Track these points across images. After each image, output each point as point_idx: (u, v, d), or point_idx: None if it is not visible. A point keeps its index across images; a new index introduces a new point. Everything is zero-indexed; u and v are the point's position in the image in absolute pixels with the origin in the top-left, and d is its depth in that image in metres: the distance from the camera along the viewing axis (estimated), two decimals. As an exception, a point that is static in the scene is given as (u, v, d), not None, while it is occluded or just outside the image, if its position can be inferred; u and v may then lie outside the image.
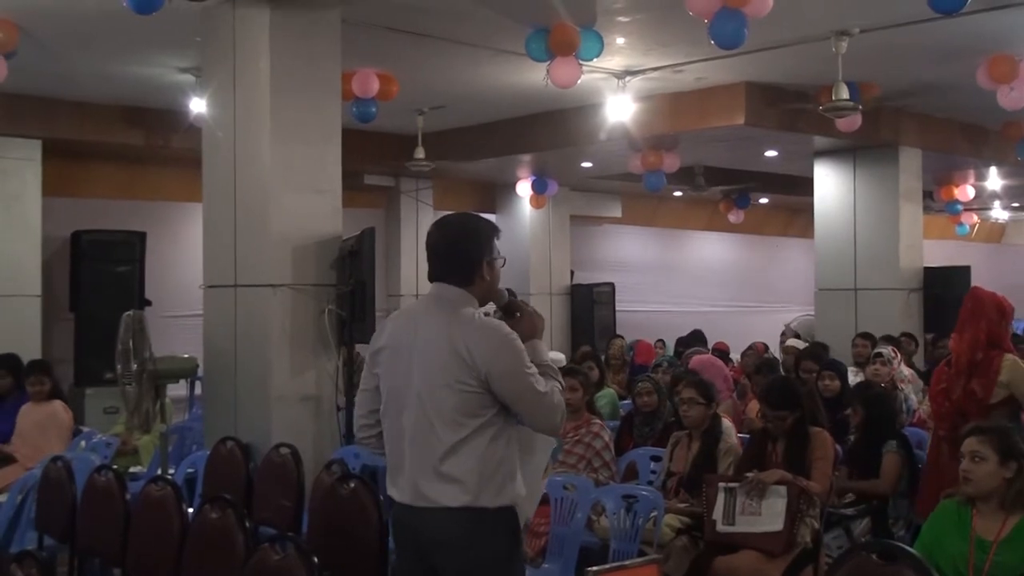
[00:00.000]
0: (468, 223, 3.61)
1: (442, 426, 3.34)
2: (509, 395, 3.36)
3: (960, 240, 19.28)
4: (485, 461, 3.35)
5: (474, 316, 3.42)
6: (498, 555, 3.40)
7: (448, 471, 3.33)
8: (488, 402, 3.36)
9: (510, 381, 3.35)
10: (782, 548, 5.10)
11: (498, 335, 3.37)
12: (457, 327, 3.37)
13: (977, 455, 4.00)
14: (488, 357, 3.33)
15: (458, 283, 3.48)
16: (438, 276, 3.52)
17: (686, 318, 15.94)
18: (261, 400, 6.37)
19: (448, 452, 3.33)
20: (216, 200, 6.77)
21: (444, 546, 3.36)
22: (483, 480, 3.33)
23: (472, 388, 3.33)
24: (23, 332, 9.95)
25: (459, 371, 3.33)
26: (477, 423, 3.35)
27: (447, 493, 3.33)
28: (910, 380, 8.38)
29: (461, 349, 3.33)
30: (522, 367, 3.36)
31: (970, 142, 12.25)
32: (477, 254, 3.49)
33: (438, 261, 3.53)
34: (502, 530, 3.40)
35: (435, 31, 7.84)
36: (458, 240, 3.53)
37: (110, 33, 7.68)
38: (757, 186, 15.47)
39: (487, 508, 3.34)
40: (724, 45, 6.56)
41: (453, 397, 3.34)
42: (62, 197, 11.27)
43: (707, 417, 5.95)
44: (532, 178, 14.07)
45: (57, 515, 5.36)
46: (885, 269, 11.67)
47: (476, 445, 3.34)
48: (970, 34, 7.91)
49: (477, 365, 3.32)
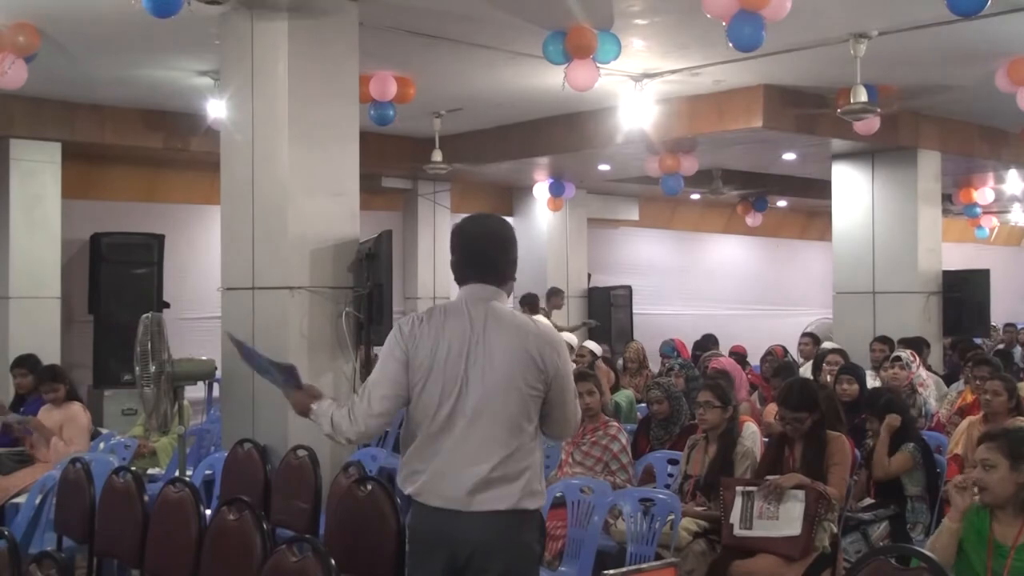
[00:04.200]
0: (507, 227, 3.65)
1: (507, 429, 3.40)
2: (558, 396, 3.49)
3: (980, 243, 19.18)
4: (531, 465, 3.42)
5: (536, 321, 3.58)
6: (534, 555, 3.48)
7: (504, 475, 3.37)
8: (539, 408, 3.48)
9: (566, 384, 3.51)
10: (800, 552, 5.09)
11: (559, 339, 3.54)
12: (526, 332, 3.46)
13: (987, 463, 3.97)
14: (554, 361, 3.46)
15: (501, 284, 3.55)
16: (483, 276, 3.53)
17: (703, 321, 15.91)
18: (279, 402, 6.30)
19: (509, 455, 3.38)
20: (234, 203, 6.79)
21: (485, 547, 3.36)
22: (527, 483, 3.40)
23: (539, 392, 3.44)
24: (42, 334, 10.01)
25: (532, 377, 3.42)
26: (531, 428, 3.45)
27: (499, 497, 3.36)
28: (932, 384, 8.33)
29: (535, 353, 3.42)
30: (571, 369, 3.56)
31: (989, 145, 12.20)
32: (515, 256, 3.61)
33: (485, 262, 3.55)
34: (537, 530, 3.49)
35: (452, 34, 7.85)
36: (507, 243, 3.59)
37: (129, 37, 7.72)
38: (775, 189, 15.43)
39: (528, 510, 3.41)
40: (742, 48, 6.54)
41: (523, 401, 3.42)
42: (81, 200, 11.35)
43: (724, 420, 5.93)
44: (549, 181, 14.08)
45: (76, 516, 5.38)
46: (904, 272, 11.62)
47: (529, 450, 3.43)
48: (989, 37, 7.88)
49: (548, 369, 3.44)
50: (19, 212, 10.24)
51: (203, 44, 7.77)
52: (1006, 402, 6.38)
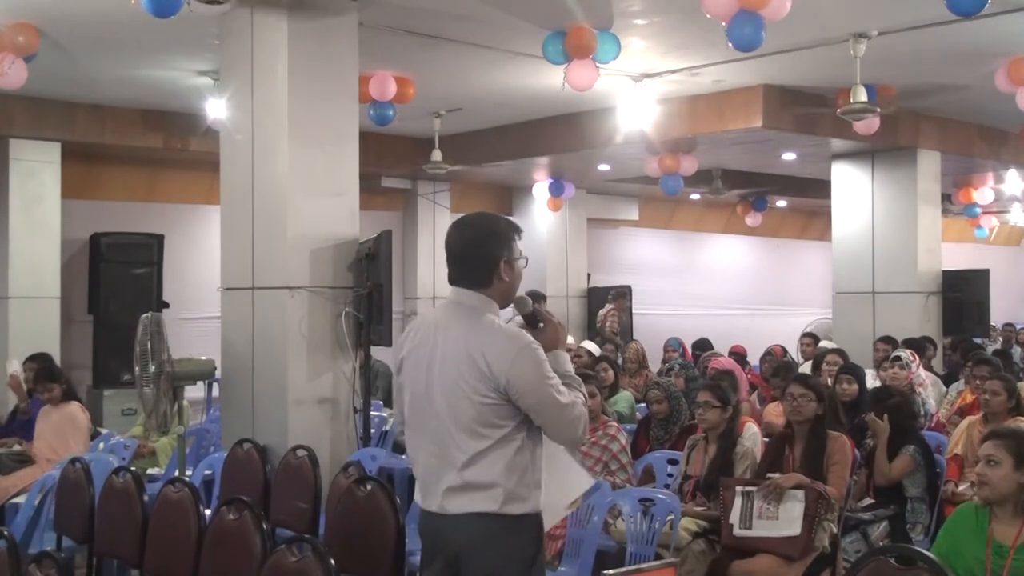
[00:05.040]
0: (485, 222, 3.51)
1: (462, 436, 3.30)
2: (530, 406, 3.30)
3: (979, 243, 19.18)
4: (508, 472, 3.30)
5: (493, 324, 3.34)
6: (521, 560, 3.37)
7: (472, 479, 3.30)
8: (509, 413, 3.30)
9: (531, 391, 3.27)
10: (799, 552, 5.10)
11: (517, 344, 3.28)
12: (475, 336, 3.30)
13: (992, 459, 3.98)
14: (506, 367, 3.25)
15: (475, 286, 3.40)
16: (455, 279, 3.46)
17: (703, 321, 15.91)
18: (278, 402, 6.38)
19: (469, 462, 3.30)
20: (234, 202, 6.80)
21: (468, 549, 3.34)
22: (507, 489, 3.30)
23: (491, 399, 3.27)
24: (42, 334, 10.00)
25: (476, 381, 3.27)
26: (499, 434, 3.29)
27: (473, 500, 3.31)
28: (929, 384, 8.33)
29: (478, 359, 3.26)
30: (542, 377, 3.28)
31: (989, 145, 12.20)
32: (495, 254, 3.39)
33: (455, 263, 3.45)
34: (526, 536, 3.37)
35: (452, 34, 7.85)
36: (474, 240, 3.43)
37: (129, 37, 7.72)
38: (774, 189, 15.43)
39: (511, 515, 3.32)
40: (742, 48, 6.54)
41: (471, 408, 3.28)
42: (81, 200, 11.35)
43: (723, 420, 5.94)
44: (549, 181, 14.07)
45: (75, 516, 5.38)
46: (903, 272, 11.62)
47: (500, 455, 3.29)
48: (989, 37, 7.88)
49: (495, 375, 3.25)
50: (19, 212, 10.24)
51: (203, 44, 7.77)
52: (1006, 402, 6.38)
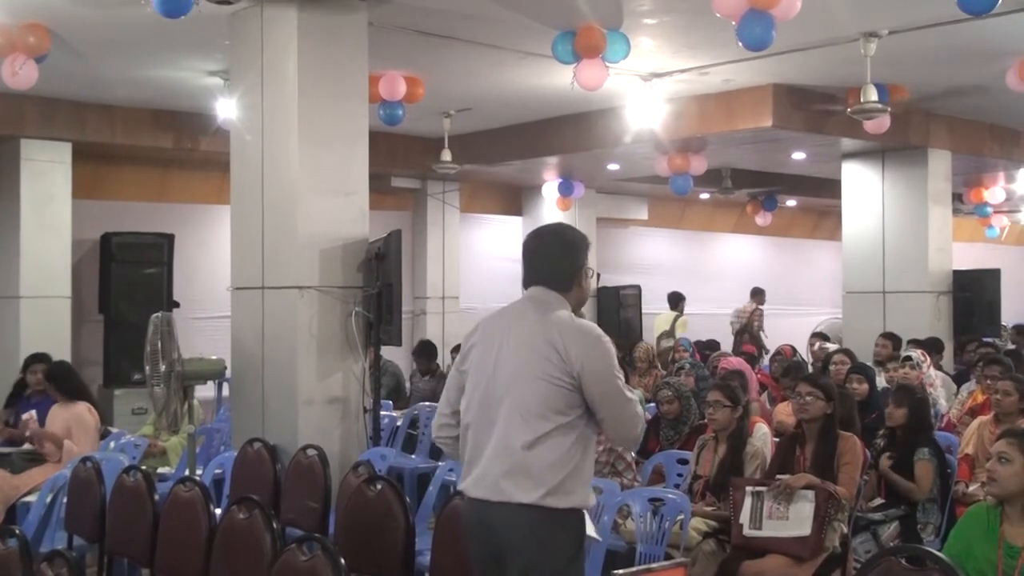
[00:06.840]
0: (569, 233, 3.79)
1: (526, 418, 3.43)
2: (597, 395, 3.46)
3: (990, 243, 19.12)
4: (562, 462, 3.42)
5: (570, 316, 3.58)
6: (562, 555, 3.45)
7: (525, 464, 3.40)
8: (575, 402, 3.45)
9: (601, 380, 3.46)
10: (810, 552, 5.09)
11: (593, 334, 3.51)
12: (552, 324, 3.51)
13: (1004, 456, 3.98)
14: (582, 354, 3.44)
15: (557, 288, 3.64)
16: (536, 280, 3.67)
17: (713, 321, 15.88)
18: (288, 402, 6.40)
19: (528, 445, 3.40)
20: (244, 202, 6.81)
21: (511, 541, 3.42)
22: (556, 480, 3.40)
23: (562, 382, 3.43)
24: (53, 333, 10.03)
25: (552, 366, 3.44)
26: (562, 420, 3.43)
27: (521, 488, 3.39)
28: (940, 384, 8.31)
29: (557, 344, 3.45)
30: (613, 368, 3.50)
31: (1000, 144, 12.16)
32: (579, 262, 3.69)
33: (538, 267, 3.69)
34: (568, 531, 3.46)
35: (461, 34, 7.85)
36: (561, 246, 3.71)
37: (139, 37, 7.74)
38: (784, 188, 15.40)
39: (556, 508, 3.40)
40: (752, 47, 6.53)
41: (542, 389, 3.43)
42: (92, 199, 11.38)
43: (733, 420, 5.93)
44: (558, 180, 14.06)
45: (86, 515, 5.39)
46: (914, 272, 11.59)
47: (556, 444, 3.42)
48: (1000, 36, 7.85)
49: (572, 361, 3.43)
50: (30, 212, 10.27)
51: (213, 44, 7.79)
52: (1017, 402, 6.36)
